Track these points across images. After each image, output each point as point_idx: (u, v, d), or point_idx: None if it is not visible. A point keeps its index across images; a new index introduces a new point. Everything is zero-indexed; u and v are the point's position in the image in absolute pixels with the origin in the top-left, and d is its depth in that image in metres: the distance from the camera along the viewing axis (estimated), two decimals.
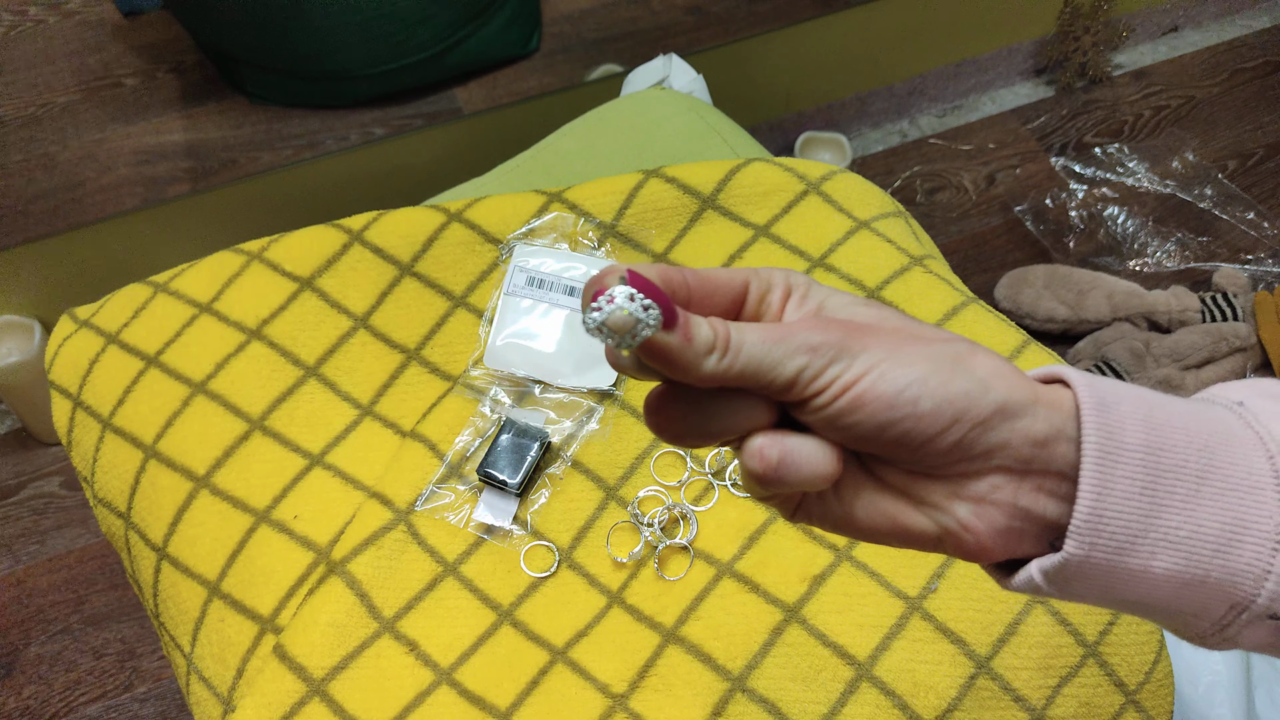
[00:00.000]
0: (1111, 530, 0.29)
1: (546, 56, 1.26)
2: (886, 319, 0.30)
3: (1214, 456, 0.29)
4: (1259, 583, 0.29)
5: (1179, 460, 0.29)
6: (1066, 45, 1.52)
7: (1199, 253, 1.37)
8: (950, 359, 0.29)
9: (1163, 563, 0.29)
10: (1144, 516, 0.29)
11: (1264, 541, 0.29)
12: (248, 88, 1.17)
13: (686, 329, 0.27)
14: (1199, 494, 0.29)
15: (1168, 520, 0.29)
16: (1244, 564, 0.29)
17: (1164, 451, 0.29)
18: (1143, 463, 0.29)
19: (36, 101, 1.11)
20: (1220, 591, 0.29)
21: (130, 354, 0.65)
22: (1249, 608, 0.29)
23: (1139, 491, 0.29)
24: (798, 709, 0.51)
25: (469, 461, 0.60)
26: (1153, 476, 0.29)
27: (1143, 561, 0.29)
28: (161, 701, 1.08)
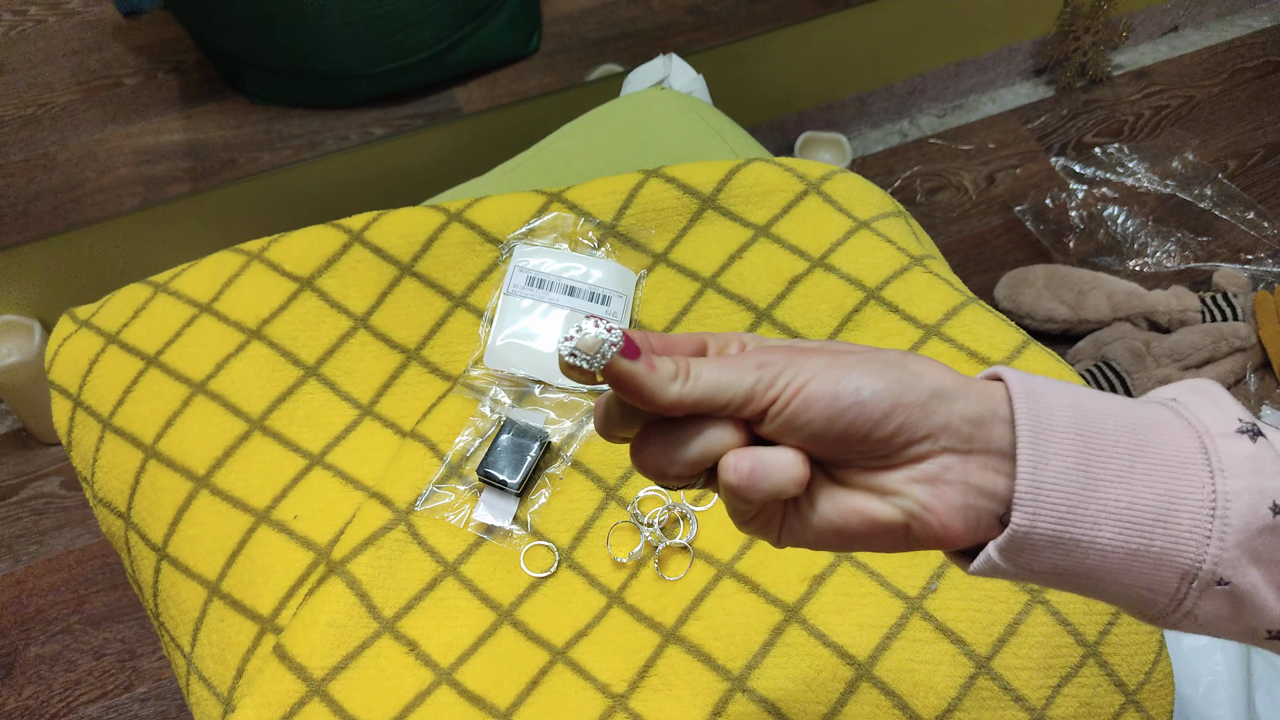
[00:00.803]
0: (1053, 500, 0.31)
1: (546, 56, 1.26)
2: (828, 345, 0.33)
3: (1145, 438, 0.32)
4: (1202, 548, 0.31)
5: (1110, 441, 0.31)
6: (1066, 45, 1.52)
7: (1199, 253, 1.37)
8: (884, 362, 0.32)
9: (1107, 533, 0.31)
10: (1082, 489, 0.31)
11: (1200, 509, 0.31)
12: (248, 88, 1.17)
13: (649, 359, 0.32)
14: (1133, 470, 0.31)
15: (1106, 494, 0.31)
16: (1185, 531, 0.31)
17: (1095, 434, 0.31)
18: (1074, 442, 0.31)
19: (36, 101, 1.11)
20: (1167, 561, 0.31)
21: (130, 354, 0.65)
22: (1197, 575, 0.31)
23: (1073, 466, 0.31)
24: (798, 709, 0.51)
25: (469, 461, 0.60)
26: (1086, 454, 0.31)
27: (1087, 532, 0.31)
28: (161, 701, 1.08)
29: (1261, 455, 0.31)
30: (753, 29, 1.32)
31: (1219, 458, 0.31)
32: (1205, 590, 0.31)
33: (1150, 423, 0.32)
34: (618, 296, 0.66)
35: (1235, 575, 0.31)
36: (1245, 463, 0.31)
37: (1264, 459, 0.31)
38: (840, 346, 0.33)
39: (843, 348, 0.33)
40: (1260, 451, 0.31)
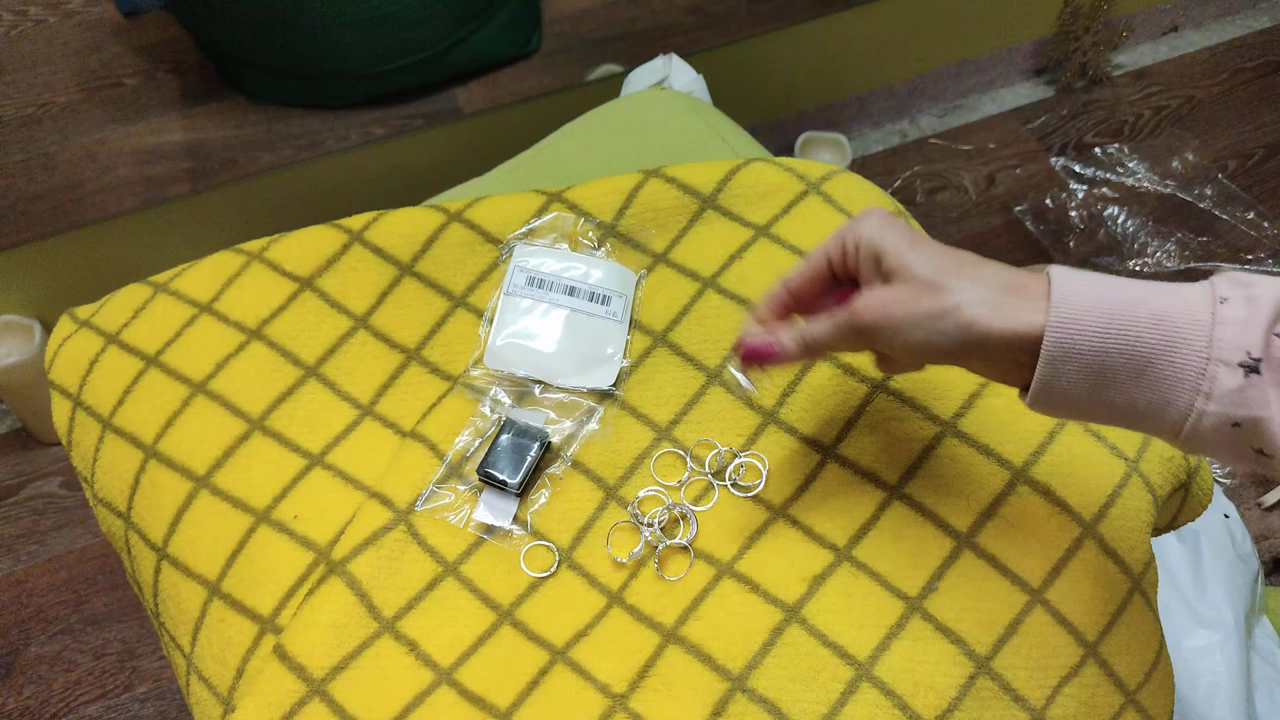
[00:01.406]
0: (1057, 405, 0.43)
1: (546, 56, 1.26)
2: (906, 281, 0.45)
3: (1153, 363, 0.40)
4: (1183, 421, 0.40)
5: (1121, 364, 0.41)
6: (1066, 45, 1.52)
7: (1199, 253, 1.37)
8: (936, 315, 0.44)
9: (1103, 415, 0.43)
10: (1087, 396, 0.42)
11: (1181, 418, 0.41)
12: (248, 88, 1.17)
13: (779, 356, 0.48)
14: (1134, 384, 0.41)
15: (1107, 397, 0.42)
16: (1172, 420, 0.41)
17: (1112, 356, 0.41)
18: (1089, 369, 0.41)
19: (36, 101, 1.11)
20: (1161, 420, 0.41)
21: (130, 354, 0.65)
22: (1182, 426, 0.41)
23: (1081, 387, 0.42)
24: (798, 709, 0.51)
25: (469, 461, 0.61)
26: (1098, 376, 0.41)
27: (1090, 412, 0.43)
28: (161, 701, 1.08)
29: (1245, 395, 0.39)
30: (753, 29, 1.32)
31: (1208, 390, 0.39)
32: (1213, 417, 0.40)
33: (1160, 358, 0.40)
34: (618, 296, 0.66)
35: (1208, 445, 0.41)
36: (1226, 401, 0.39)
37: (1246, 398, 0.39)
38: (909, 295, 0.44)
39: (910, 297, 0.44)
40: (1246, 389, 0.39)
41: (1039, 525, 0.55)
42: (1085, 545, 0.54)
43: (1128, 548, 0.55)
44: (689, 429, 0.61)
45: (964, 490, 0.56)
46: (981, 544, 0.54)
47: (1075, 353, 0.40)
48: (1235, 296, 0.40)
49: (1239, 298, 0.40)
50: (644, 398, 0.62)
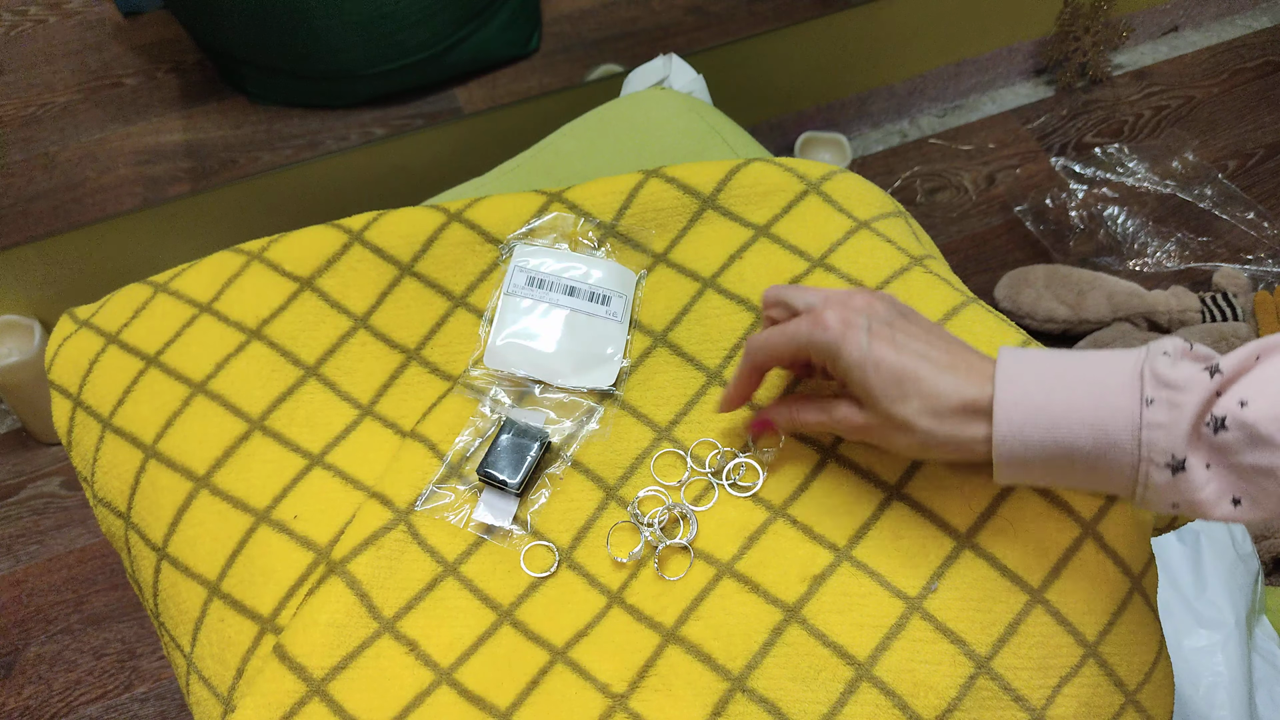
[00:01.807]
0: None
1: (546, 56, 1.26)
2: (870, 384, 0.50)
3: (1094, 466, 0.46)
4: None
5: (1062, 471, 0.47)
6: (1066, 45, 1.52)
7: (1199, 253, 1.37)
8: (896, 428, 0.51)
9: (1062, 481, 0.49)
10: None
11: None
12: (248, 88, 1.17)
13: (779, 430, 0.58)
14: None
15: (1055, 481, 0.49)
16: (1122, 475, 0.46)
17: (1053, 462, 0.47)
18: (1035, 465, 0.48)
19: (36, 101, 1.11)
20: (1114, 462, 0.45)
21: (130, 354, 0.65)
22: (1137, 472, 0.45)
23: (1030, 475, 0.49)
24: (798, 709, 0.51)
25: (469, 461, 0.61)
26: (1045, 471, 0.48)
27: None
28: (161, 701, 1.08)
29: (1176, 485, 0.43)
30: (753, 29, 1.32)
31: (1144, 481, 0.44)
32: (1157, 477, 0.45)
33: (1100, 458, 0.45)
34: (618, 296, 0.66)
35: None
36: (1162, 489, 0.44)
37: (1179, 488, 0.44)
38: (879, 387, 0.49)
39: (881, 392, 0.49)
40: (1177, 482, 0.43)
41: (1039, 525, 0.55)
42: (1085, 545, 0.54)
43: (1128, 548, 0.55)
44: (689, 429, 0.61)
45: (964, 490, 0.56)
46: (981, 544, 0.54)
47: (1024, 459, 0.46)
48: (1160, 400, 0.43)
49: (1163, 401, 0.43)
50: (644, 398, 0.62)
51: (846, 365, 0.49)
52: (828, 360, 0.51)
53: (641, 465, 0.60)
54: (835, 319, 0.50)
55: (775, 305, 0.55)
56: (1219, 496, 0.43)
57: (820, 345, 0.50)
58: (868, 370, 0.49)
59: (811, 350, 0.51)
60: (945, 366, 0.48)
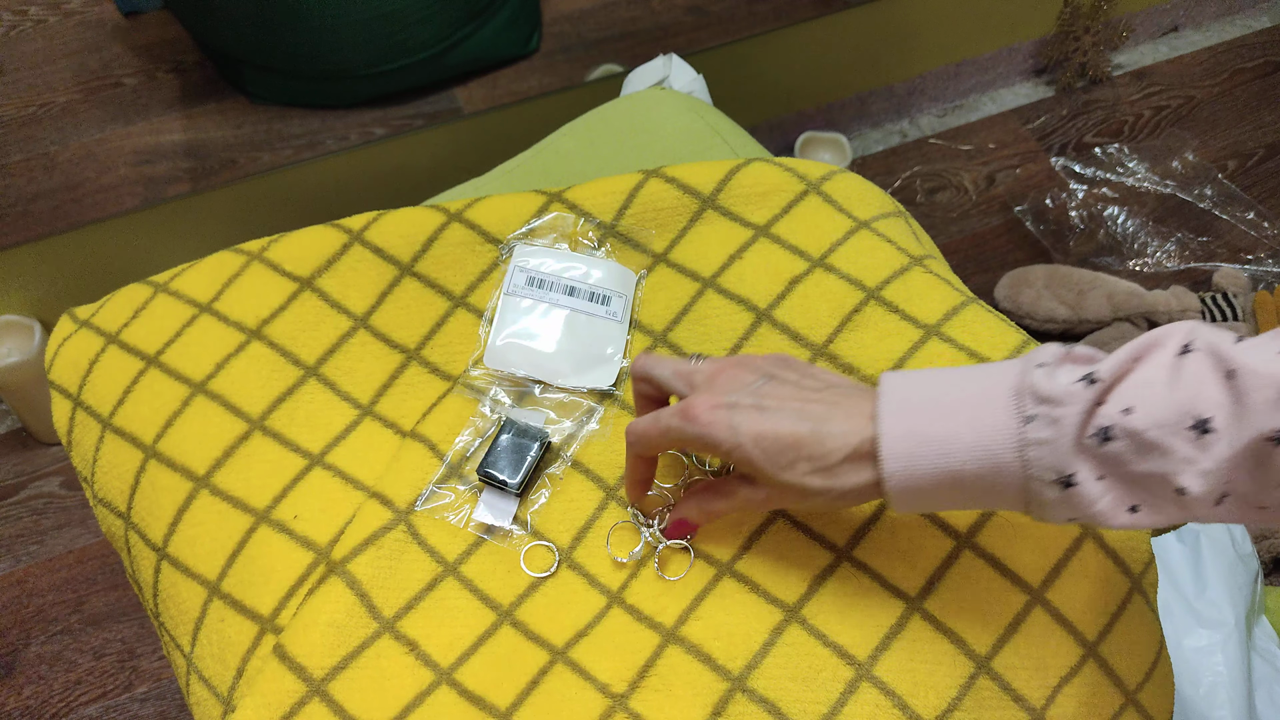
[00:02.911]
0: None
1: (546, 56, 1.26)
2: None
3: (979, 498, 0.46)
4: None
5: (947, 496, 0.46)
6: (1066, 45, 1.52)
7: (1199, 253, 1.37)
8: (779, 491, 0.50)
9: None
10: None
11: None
12: (248, 88, 1.17)
13: (695, 528, 0.56)
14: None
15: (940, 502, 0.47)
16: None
17: (944, 489, 0.46)
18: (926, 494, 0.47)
19: (36, 101, 1.11)
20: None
21: (130, 354, 0.65)
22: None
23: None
24: (798, 709, 0.51)
25: (469, 461, 0.61)
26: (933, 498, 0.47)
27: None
28: (161, 701, 1.08)
29: (1069, 500, 0.43)
30: (753, 29, 1.32)
31: (1036, 499, 0.44)
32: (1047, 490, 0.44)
33: (989, 481, 0.44)
34: (618, 296, 0.66)
35: None
36: (1055, 505, 0.43)
37: (1071, 502, 0.43)
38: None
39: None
40: (1069, 497, 0.43)
41: (1039, 525, 0.54)
42: (1085, 545, 0.54)
43: (1128, 548, 0.55)
44: None
45: None
46: (981, 544, 0.54)
47: (918, 490, 0.45)
48: (1040, 416, 0.42)
49: (1043, 418, 0.42)
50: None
51: (725, 451, 0.49)
52: (707, 450, 0.51)
53: None
54: (703, 410, 0.49)
55: (643, 380, 0.54)
56: (1115, 507, 0.43)
57: (693, 440, 0.50)
58: (748, 449, 0.48)
59: (686, 444, 0.51)
60: (822, 419, 0.47)
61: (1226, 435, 0.40)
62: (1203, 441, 0.40)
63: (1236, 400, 0.40)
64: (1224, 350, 0.41)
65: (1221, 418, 0.40)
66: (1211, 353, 0.41)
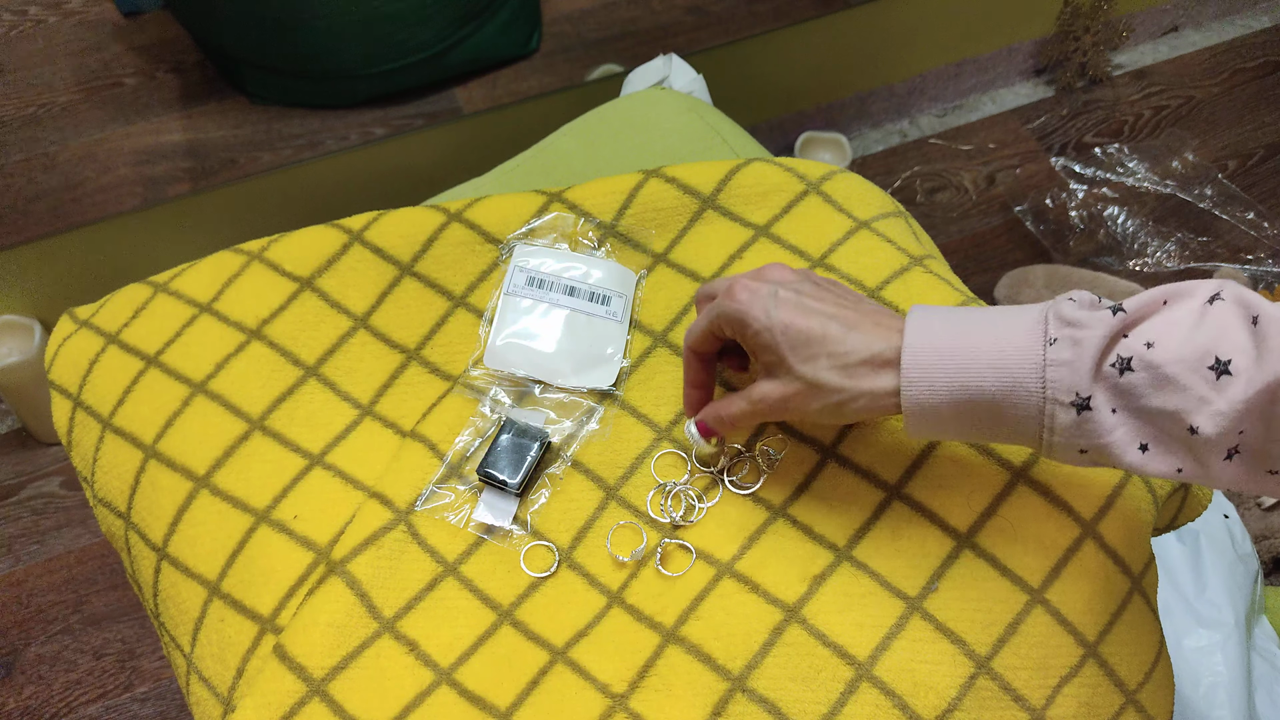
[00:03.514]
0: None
1: (546, 56, 1.26)
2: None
3: (1000, 414, 0.46)
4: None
5: (969, 422, 0.47)
6: (1066, 45, 1.52)
7: (1199, 253, 1.37)
8: (809, 386, 0.50)
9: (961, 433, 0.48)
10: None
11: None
12: (248, 88, 1.17)
13: (719, 432, 0.56)
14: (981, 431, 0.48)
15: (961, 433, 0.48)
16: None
17: (962, 415, 0.47)
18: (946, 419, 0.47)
19: (36, 101, 1.11)
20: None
21: (130, 354, 0.65)
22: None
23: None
24: (798, 709, 0.51)
25: (469, 461, 0.61)
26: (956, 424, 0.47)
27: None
28: (161, 701, 1.08)
29: (1082, 427, 0.43)
30: (753, 29, 1.32)
31: (1050, 423, 0.44)
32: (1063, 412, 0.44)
33: (1005, 401, 0.45)
34: (618, 296, 0.66)
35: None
36: (1068, 431, 0.44)
37: (1084, 429, 0.43)
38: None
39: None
40: (1082, 423, 0.43)
41: (1039, 525, 0.55)
42: (1085, 545, 0.54)
43: (1128, 548, 0.55)
44: None
45: (964, 490, 0.56)
46: (981, 544, 0.54)
47: (931, 407, 0.46)
48: (1063, 338, 0.43)
49: (1065, 339, 0.43)
50: (644, 397, 0.62)
51: (754, 331, 0.50)
52: (738, 332, 0.51)
53: (642, 465, 0.60)
54: (742, 291, 0.51)
55: (703, 300, 0.56)
56: (1127, 442, 0.43)
57: (729, 316, 0.51)
58: (775, 334, 0.49)
59: (724, 323, 0.52)
60: (852, 325, 0.49)
61: (1244, 377, 0.40)
62: (1220, 383, 0.40)
63: (1258, 344, 0.40)
64: (1251, 299, 0.42)
65: (1241, 360, 0.40)
66: (1239, 301, 0.42)
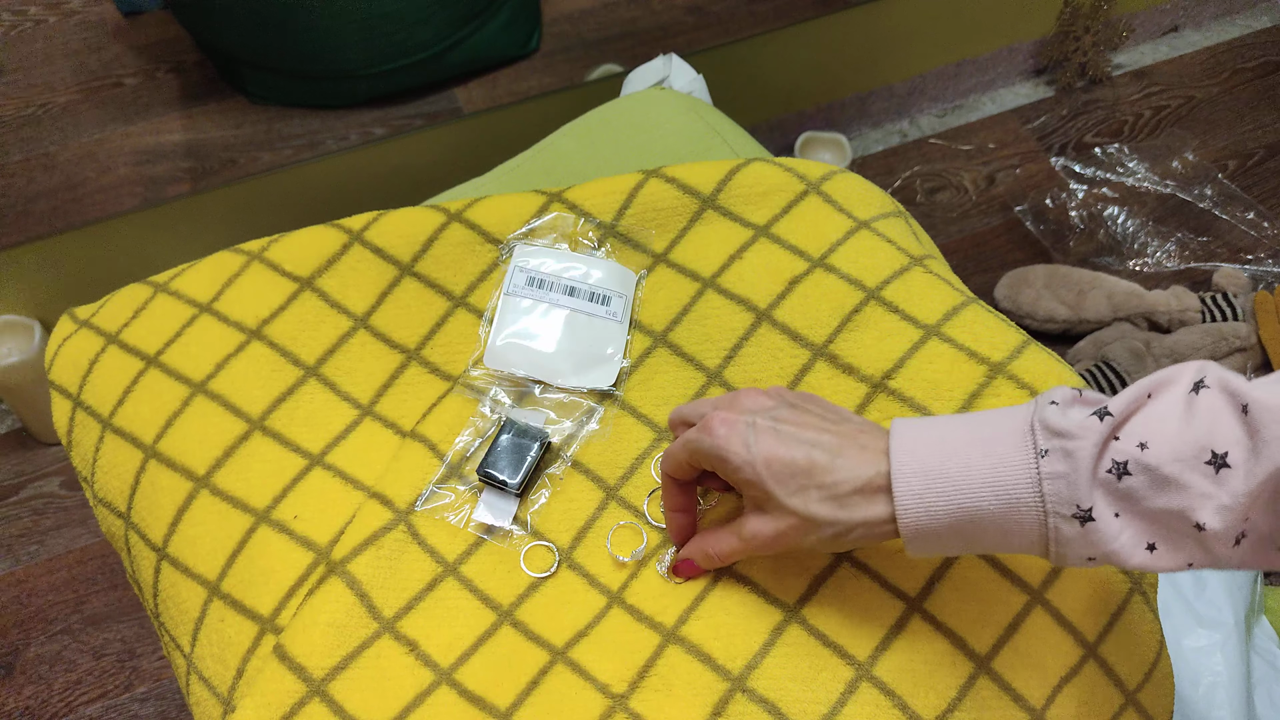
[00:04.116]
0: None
1: (546, 56, 1.26)
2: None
3: (1003, 528, 0.44)
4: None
5: (965, 540, 0.46)
6: (1066, 45, 1.52)
7: (1199, 253, 1.37)
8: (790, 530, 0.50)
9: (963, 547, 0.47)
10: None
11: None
12: (248, 88, 1.17)
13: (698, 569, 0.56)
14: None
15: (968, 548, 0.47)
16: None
17: (957, 533, 0.46)
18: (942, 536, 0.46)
19: (36, 101, 1.11)
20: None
21: (130, 354, 0.65)
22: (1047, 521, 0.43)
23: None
24: (798, 709, 0.51)
25: (469, 461, 0.61)
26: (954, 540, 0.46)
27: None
28: (161, 701, 1.08)
29: (1088, 537, 0.42)
30: (753, 29, 1.32)
31: (1054, 536, 0.43)
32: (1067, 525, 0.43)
33: (1007, 519, 0.44)
34: (618, 296, 0.66)
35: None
36: (1074, 542, 0.43)
37: (1090, 540, 0.42)
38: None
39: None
40: (1087, 533, 0.42)
41: None
42: None
43: None
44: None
45: None
46: None
47: (931, 530, 0.45)
48: (1054, 449, 0.42)
49: (1057, 451, 0.42)
50: (644, 398, 0.62)
51: (735, 467, 0.48)
52: (718, 468, 0.50)
53: (642, 465, 0.60)
54: (720, 425, 0.49)
55: (678, 425, 0.54)
56: (1134, 545, 0.42)
57: (708, 451, 0.49)
58: (759, 469, 0.48)
59: (701, 458, 0.50)
60: (837, 451, 0.47)
61: (1243, 470, 0.40)
62: (1220, 476, 0.40)
63: (1252, 435, 0.40)
64: (1237, 386, 0.41)
65: (1238, 453, 0.40)
66: (1224, 389, 0.41)
